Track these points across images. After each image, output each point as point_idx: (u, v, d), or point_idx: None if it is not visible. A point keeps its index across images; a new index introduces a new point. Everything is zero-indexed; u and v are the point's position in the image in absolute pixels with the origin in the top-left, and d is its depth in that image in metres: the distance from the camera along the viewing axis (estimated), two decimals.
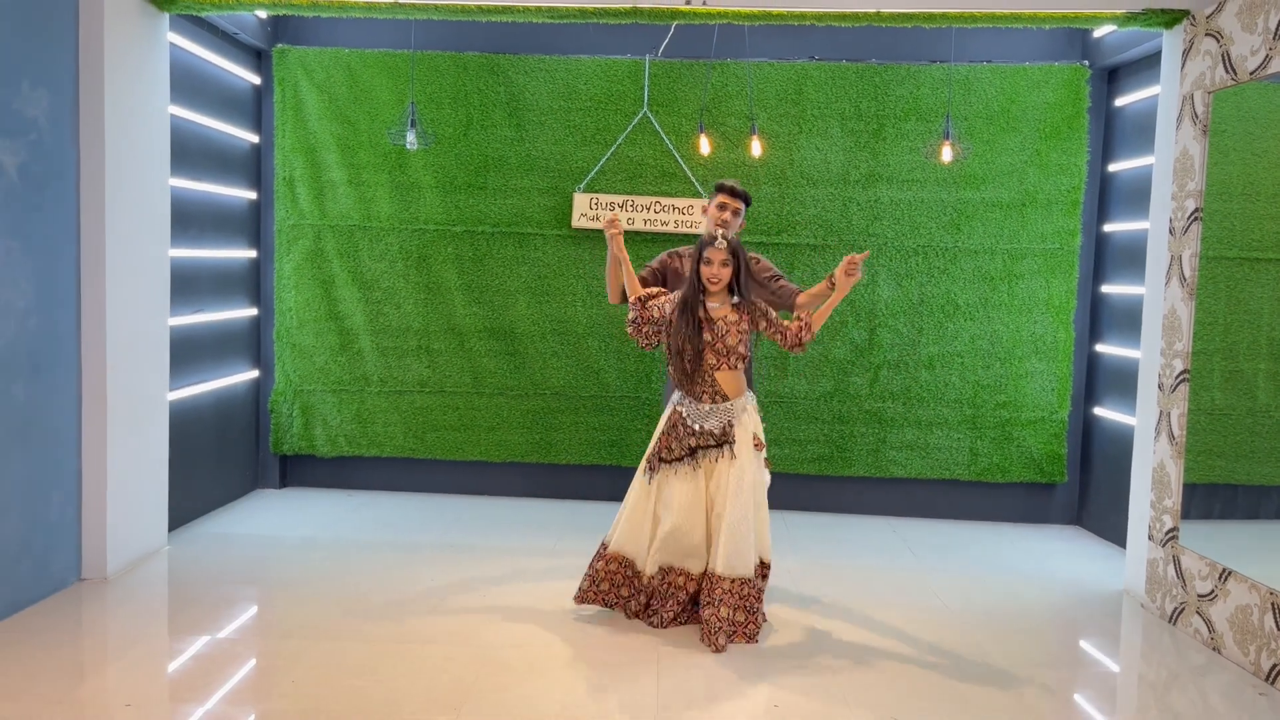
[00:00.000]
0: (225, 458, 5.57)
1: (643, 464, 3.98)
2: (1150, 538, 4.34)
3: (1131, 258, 5.26)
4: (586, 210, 5.66)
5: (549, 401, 5.83)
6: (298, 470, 6.03)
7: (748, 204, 4.32)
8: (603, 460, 5.85)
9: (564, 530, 5.29)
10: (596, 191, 5.68)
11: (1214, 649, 3.87)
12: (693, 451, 3.88)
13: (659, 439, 3.95)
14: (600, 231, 5.67)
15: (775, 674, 3.51)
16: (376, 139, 5.69)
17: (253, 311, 5.81)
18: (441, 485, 5.98)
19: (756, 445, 3.89)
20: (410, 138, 5.24)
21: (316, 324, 5.82)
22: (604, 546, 4.01)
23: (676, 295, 3.91)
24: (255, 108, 5.75)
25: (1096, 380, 5.67)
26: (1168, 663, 3.84)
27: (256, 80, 5.73)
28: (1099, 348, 5.63)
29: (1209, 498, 4.20)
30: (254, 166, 5.77)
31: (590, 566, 4.03)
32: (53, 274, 3.96)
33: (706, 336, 3.81)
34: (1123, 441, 5.17)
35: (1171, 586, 4.17)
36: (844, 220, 5.66)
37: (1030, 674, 3.59)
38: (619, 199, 5.65)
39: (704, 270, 3.81)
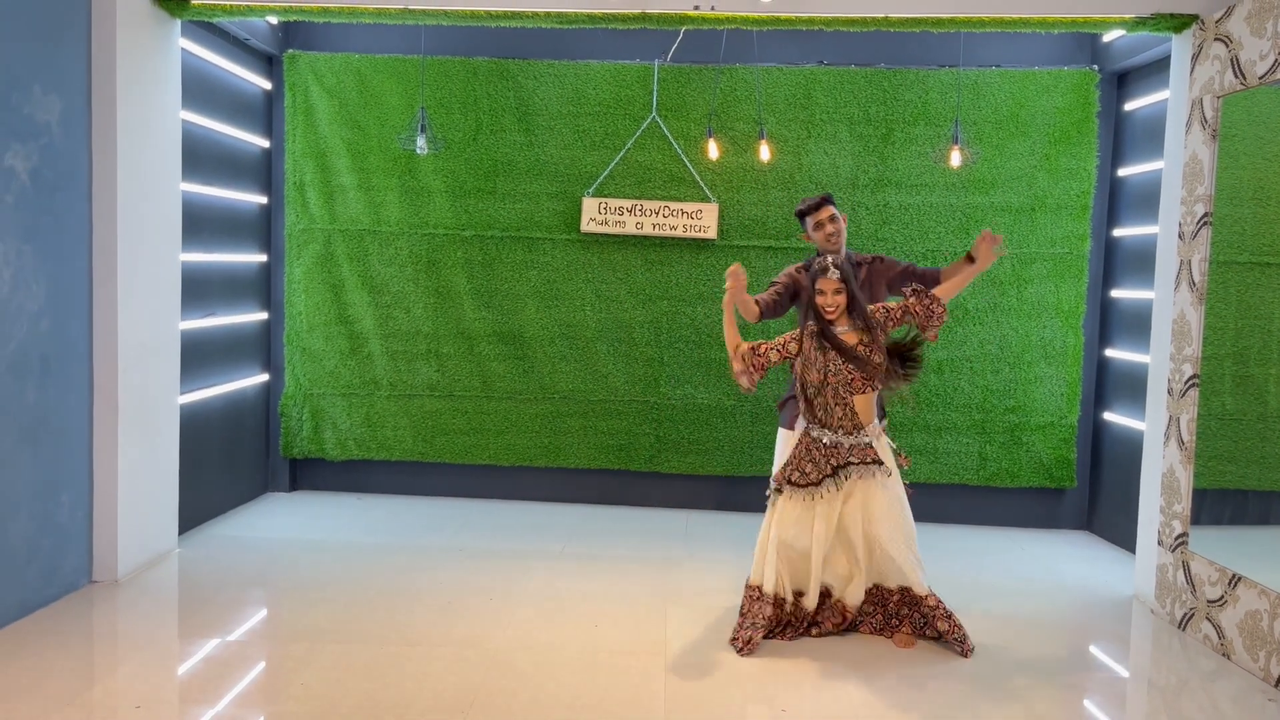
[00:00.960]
0: (235, 461, 5.59)
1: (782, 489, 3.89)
2: (1160, 543, 4.32)
3: (1141, 262, 5.24)
4: (595, 215, 5.67)
5: (558, 405, 5.84)
6: (307, 474, 6.05)
7: (832, 202, 4.21)
8: (611, 464, 5.85)
9: (572, 534, 5.29)
10: (605, 196, 5.69)
11: (1223, 655, 3.86)
12: (835, 471, 3.82)
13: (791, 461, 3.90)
14: (607, 235, 5.69)
15: (783, 676, 3.50)
16: (386, 144, 5.72)
17: (263, 315, 5.84)
18: (450, 489, 5.99)
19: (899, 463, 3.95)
20: (420, 143, 5.26)
21: (326, 328, 5.85)
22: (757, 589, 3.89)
23: (789, 334, 3.88)
24: (266, 113, 5.78)
25: (1106, 385, 5.65)
26: (1177, 668, 3.83)
27: (268, 85, 5.76)
28: (1108, 352, 5.62)
29: (1219, 503, 4.18)
30: (265, 171, 5.80)
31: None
32: (64, 277, 3.99)
33: (851, 365, 3.76)
34: (1132, 446, 5.16)
35: (1181, 592, 4.16)
36: (852, 225, 5.66)
37: (1039, 679, 3.58)
38: (628, 204, 5.66)
39: (819, 301, 3.78)
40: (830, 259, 3.80)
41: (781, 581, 3.86)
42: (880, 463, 3.83)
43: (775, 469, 4.06)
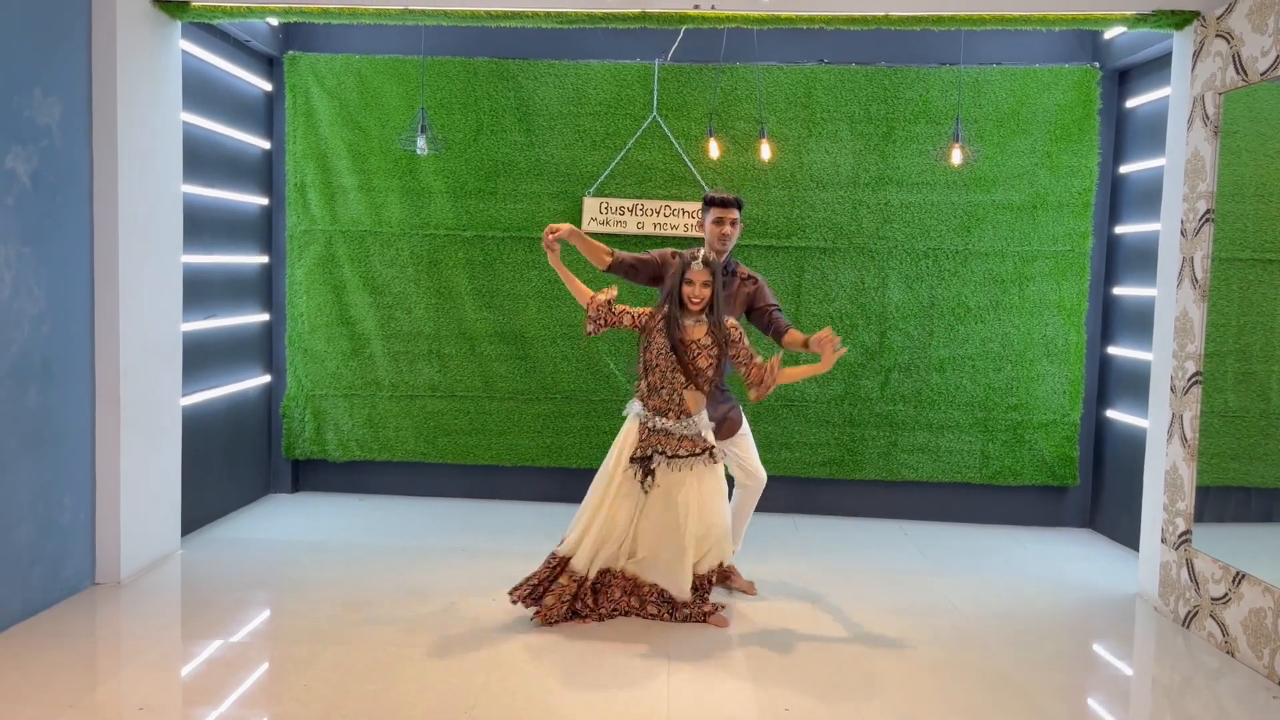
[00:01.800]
0: (238, 462, 5.59)
1: (621, 465, 4.01)
2: (1163, 541, 4.32)
3: (1143, 260, 5.23)
4: (597, 214, 5.67)
5: (560, 405, 5.84)
6: (309, 475, 6.05)
7: (740, 208, 4.30)
8: None
9: None
10: (606, 196, 5.69)
11: (1227, 652, 3.85)
12: (657, 453, 3.97)
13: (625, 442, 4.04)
14: (609, 235, 5.68)
15: (787, 676, 3.50)
16: (387, 144, 5.72)
17: (264, 317, 5.84)
18: (453, 489, 5.99)
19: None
20: (421, 143, 5.26)
21: (328, 329, 5.85)
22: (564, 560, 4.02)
23: (650, 309, 3.99)
24: (267, 114, 5.78)
25: (1108, 383, 5.65)
26: (1181, 666, 3.82)
27: (268, 87, 5.76)
28: (1111, 350, 5.61)
29: (1222, 501, 4.17)
30: (266, 172, 5.80)
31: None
32: (66, 280, 3.99)
33: (681, 356, 3.88)
34: (1135, 444, 5.15)
35: (1185, 590, 4.15)
36: (854, 223, 5.66)
37: (1043, 677, 3.57)
38: (629, 203, 5.66)
39: (685, 289, 3.89)
40: (704, 254, 3.92)
41: (592, 557, 3.98)
42: (706, 452, 3.95)
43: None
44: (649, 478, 3.95)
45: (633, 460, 3.98)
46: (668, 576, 4.00)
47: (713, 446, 3.99)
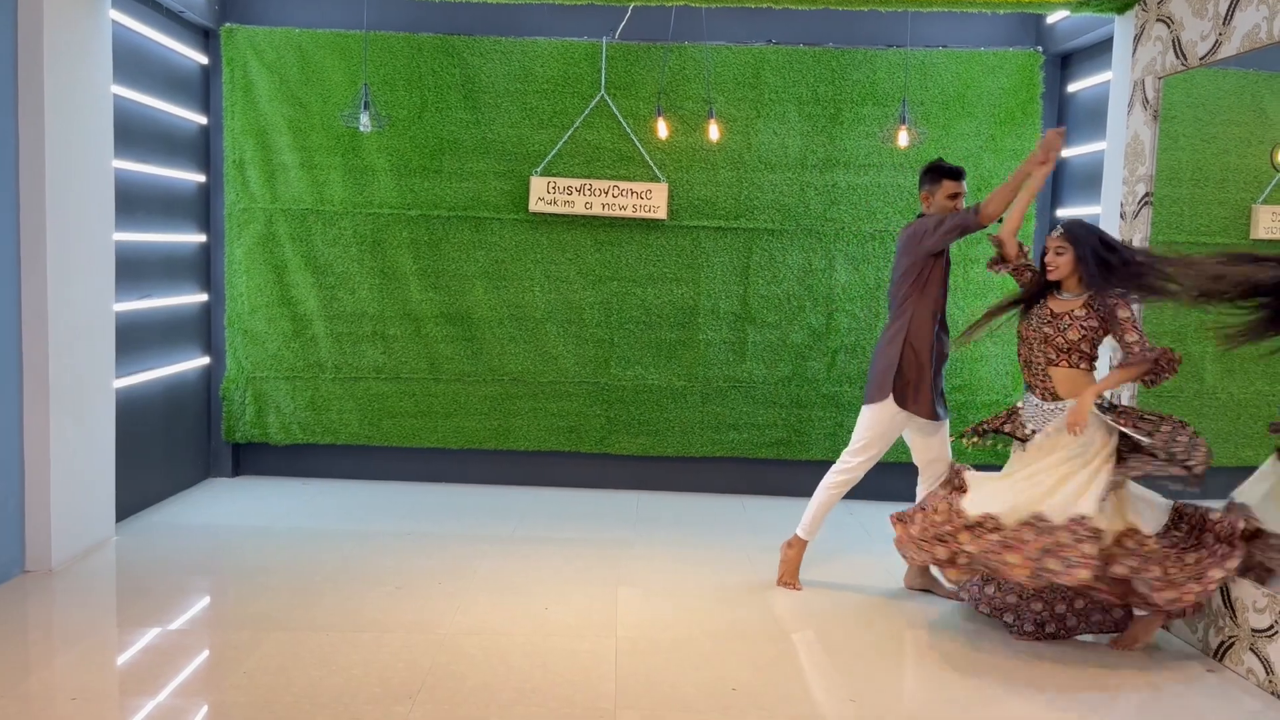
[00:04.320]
0: (176, 446, 5.46)
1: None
2: None
3: None
4: (544, 194, 5.61)
5: (506, 388, 5.78)
6: (251, 459, 5.93)
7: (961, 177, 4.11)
8: (561, 446, 5.82)
9: (522, 517, 5.26)
10: (554, 175, 5.63)
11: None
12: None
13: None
14: (556, 215, 5.63)
15: (738, 658, 3.51)
16: (329, 121, 5.59)
17: (203, 297, 5.70)
18: (398, 473, 5.91)
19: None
20: (364, 120, 5.16)
21: (269, 310, 5.72)
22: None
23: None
24: (203, 88, 5.62)
25: None
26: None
27: (204, 60, 5.60)
28: None
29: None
30: (203, 149, 5.64)
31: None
32: None
33: (1047, 330, 3.70)
34: None
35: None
36: (801, 205, 5.67)
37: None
38: (576, 183, 5.61)
39: (1045, 257, 3.74)
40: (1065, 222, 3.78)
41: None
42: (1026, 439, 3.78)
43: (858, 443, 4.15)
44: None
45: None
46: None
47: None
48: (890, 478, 5.30)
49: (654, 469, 5.92)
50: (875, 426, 4.15)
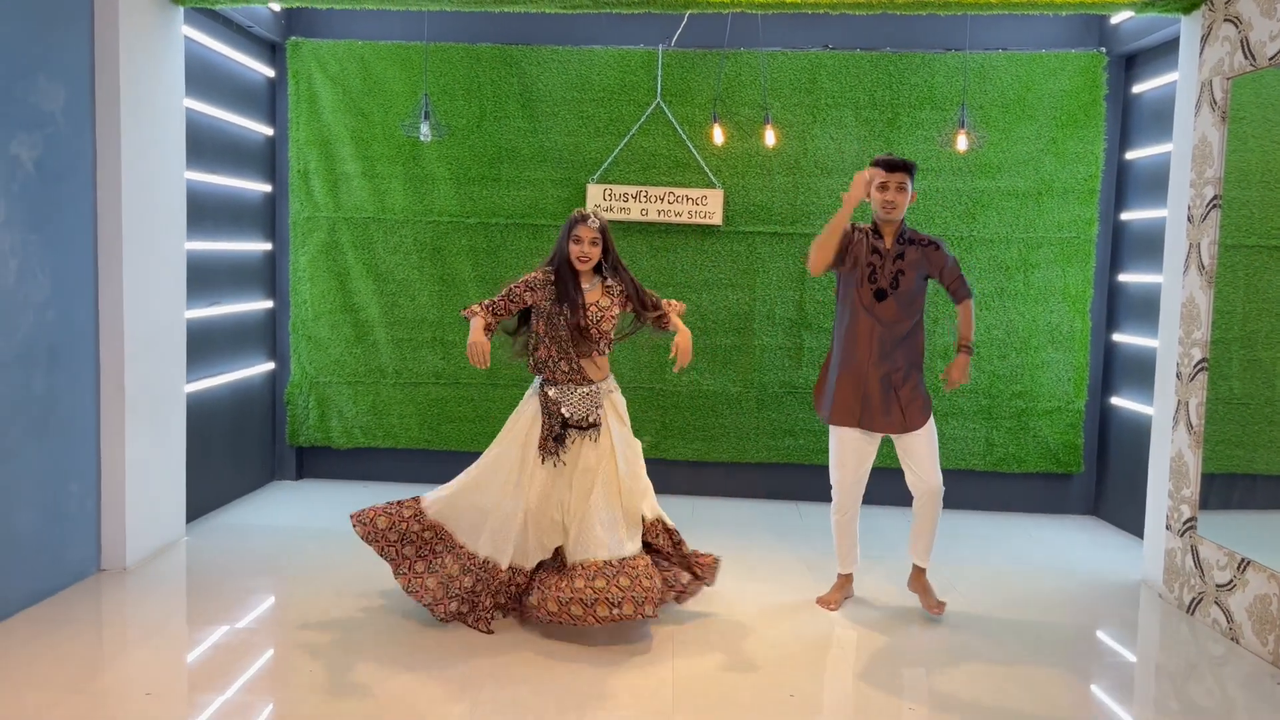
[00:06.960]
0: (242, 450, 5.60)
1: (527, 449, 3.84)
2: (1168, 528, 4.32)
3: (1149, 246, 5.22)
4: (600, 201, 5.65)
5: None
6: (313, 462, 6.06)
7: (909, 172, 3.86)
8: None
9: None
10: (610, 183, 5.68)
11: (1232, 639, 3.85)
12: (560, 435, 3.76)
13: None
14: (612, 222, 5.66)
15: (791, 664, 3.51)
16: (390, 131, 5.70)
17: (268, 304, 5.84)
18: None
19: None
20: (424, 129, 5.25)
21: (332, 316, 5.84)
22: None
23: (528, 278, 3.80)
24: (269, 100, 5.77)
25: (1113, 370, 5.63)
26: (1186, 653, 3.82)
27: (271, 73, 5.75)
28: (1116, 337, 5.60)
29: (1227, 488, 4.17)
30: (269, 159, 5.79)
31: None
32: (70, 267, 3.99)
33: (583, 321, 3.72)
34: (1140, 431, 5.14)
35: (1189, 576, 4.15)
36: (858, 210, 5.62)
37: (1048, 664, 3.58)
38: (633, 190, 5.64)
39: (573, 249, 3.74)
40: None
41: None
42: (597, 425, 3.76)
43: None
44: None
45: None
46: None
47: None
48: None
49: (708, 474, 5.92)
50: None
